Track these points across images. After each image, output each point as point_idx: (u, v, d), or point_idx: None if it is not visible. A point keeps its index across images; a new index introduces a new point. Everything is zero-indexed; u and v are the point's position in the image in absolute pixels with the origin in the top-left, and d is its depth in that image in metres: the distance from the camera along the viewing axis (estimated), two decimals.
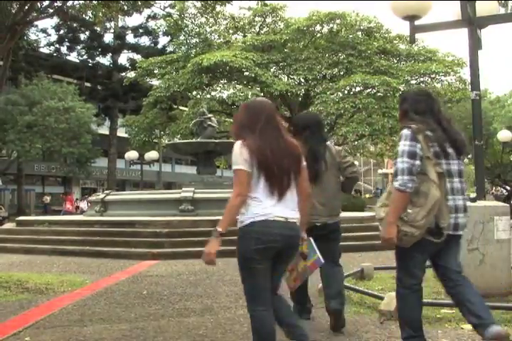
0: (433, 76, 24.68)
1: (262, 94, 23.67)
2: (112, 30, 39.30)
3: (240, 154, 3.34)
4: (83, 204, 26.82)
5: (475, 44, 6.26)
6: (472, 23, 6.20)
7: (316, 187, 4.51)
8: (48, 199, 38.94)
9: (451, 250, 3.92)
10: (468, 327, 4.59)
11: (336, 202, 4.97)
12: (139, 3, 12.86)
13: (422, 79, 25.17)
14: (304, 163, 3.59)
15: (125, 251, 10.56)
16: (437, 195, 3.61)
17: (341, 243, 9.65)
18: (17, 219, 15.59)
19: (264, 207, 3.33)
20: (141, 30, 39.34)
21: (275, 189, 3.36)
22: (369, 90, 23.63)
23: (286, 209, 3.39)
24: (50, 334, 4.71)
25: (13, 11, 9.37)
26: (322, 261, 3.84)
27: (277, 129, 3.49)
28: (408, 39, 24.45)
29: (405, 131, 3.75)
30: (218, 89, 27.68)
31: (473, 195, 6.27)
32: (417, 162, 3.63)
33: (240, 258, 3.41)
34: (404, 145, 3.68)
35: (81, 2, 12.20)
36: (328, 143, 5.12)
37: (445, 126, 3.82)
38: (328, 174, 4.81)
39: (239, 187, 3.33)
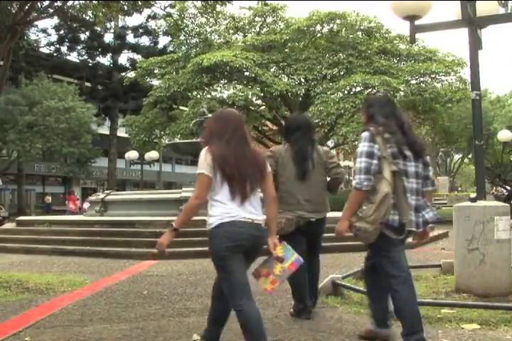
0: (433, 76, 24.65)
1: (262, 94, 23.67)
2: (112, 30, 39.33)
3: (204, 160, 3.63)
4: (86, 205, 26.87)
5: (475, 44, 6.26)
6: (472, 23, 6.20)
7: (302, 184, 4.99)
8: (49, 199, 38.96)
9: (402, 248, 4.21)
10: (469, 327, 4.60)
11: (320, 198, 5.26)
12: (139, 3, 12.86)
13: (422, 79, 25.14)
14: (269, 170, 3.84)
15: (125, 251, 10.56)
16: (386, 190, 3.83)
17: (341, 243, 9.85)
18: (17, 219, 15.59)
19: (230, 208, 3.58)
20: (141, 30, 39.35)
21: (238, 193, 3.59)
22: (369, 90, 23.59)
23: (249, 212, 3.62)
24: (51, 334, 4.71)
25: (14, 11, 9.37)
26: (301, 260, 3.94)
27: (243, 138, 3.72)
28: (408, 39, 24.48)
29: (365, 133, 4.01)
30: (218, 89, 27.68)
31: (473, 195, 6.27)
32: (375, 161, 3.88)
33: (214, 258, 3.65)
34: (363, 147, 3.96)
35: (81, 2, 12.20)
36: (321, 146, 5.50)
37: (405, 130, 4.07)
38: (315, 172, 5.12)
39: (198, 190, 3.62)
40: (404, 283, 3.99)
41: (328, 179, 5.30)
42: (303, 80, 25.06)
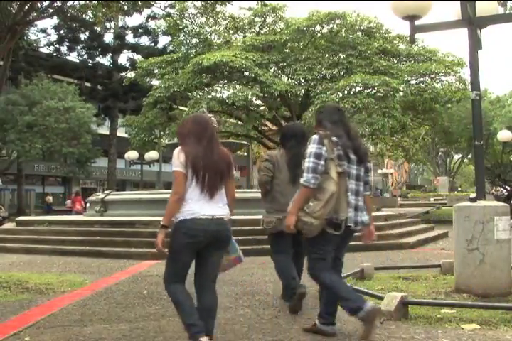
0: (433, 76, 24.63)
1: (262, 94, 23.62)
2: (112, 30, 39.34)
3: (177, 158, 3.99)
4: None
5: (475, 44, 6.26)
6: (472, 23, 6.20)
7: (293, 187, 5.20)
8: (50, 199, 38.96)
9: (346, 243, 4.64)
10: (469, 327, 4.60)
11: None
12: (139, 3, 12.86)
13: (421, 79, 25.10)
14: (233, 173, 4.28)
15: (125, 251, 10.57)
16: (333, 189, 4.23)
17: None
18: (17, 219, 15.59)
19: (193, 206, 3.95)
20: (141, 30, 39.35)
21: (205, 190, 3.98)
22: (369, 90, 23.56)
23: (214, 208, 4.01)
24: (50, 334, 4.71)
25: (14, 11, 9.37)
26: (243, 259, 4.31)
27: (213, 140, 4.15)
28: (408, 39, 24.48)
29: (314, 136, 4.39)
30: (218, 89, 27.62)
31: (473, 195, 6.28)
32: (322, 162, 4.27)
33: (171, 248, 4.02)
34: (312, 148, 4.33)
35: (81, 2, 12.20)
36: None
37: (351, 136, 4.48)
38: None
39: (176, 187, 3.98)
40: (331, 281, 4.42)
41: None
42: (303, 80, 25.02)
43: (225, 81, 25.85)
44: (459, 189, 64.47)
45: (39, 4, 10.75)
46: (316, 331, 4.51)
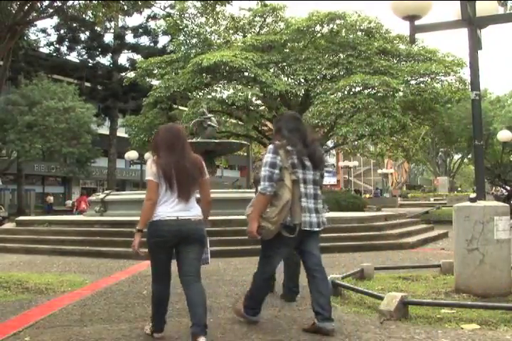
0: (433, 76, 24.64)
1: (262, 94, 23.63)
2: (112, 30, 39.33)
3: (150, 168, 4.38)
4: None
5: (475, 44, 6.26)
6: (472, 23, 6.20)
7: None
8: (51, 199, 38.95)
9: (313, 243, 4.87)
10: (469, 327, 4.60)
11: None
12: (139, 3, 12.85)
13: (421, 79, 25.10)
14: (207, 177, 4.60)
15: (125, 251, 10.51)
16: (288, 197, 4.54)
17: (340, 243, 9.96)
18: (17, 219, 15.59)
19: (162, 209, 4.35)
20: (141, 30, 39.35)
21: (176, 195, 4.36)
22: (369, 90, 23.57)
23: (181, 210, 4.36)
24: (50, 334, 4.71)
25: (13, 11, 9.36)
26: (208, 261, 4.66)
27: (184, 149, 4.46)
28: (408, 39, 24.47)
29: (270, 146, 4.72)
30: (218, 89, 27.63)
31: (473, 195, 6.28)
32: (277, 171, 4.57)
33: (148, 247, 4.40)
34: (267, 158, 4.63)
35: (81, 2, 12.19)
36: None
37: (307, 143, 4.75)
38: None
39: (149, 194, 4.37)
40: (262, 280, 4.85)
41: None
42: (302, 80, 25.04)
43: (225, 81, 25.86)
44: (459, 189, 64.53)
45: (39, 4, 10.74)
46: (315, 330, 4.53)
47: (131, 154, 32.16)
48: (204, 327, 4.22)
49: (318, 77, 24.23)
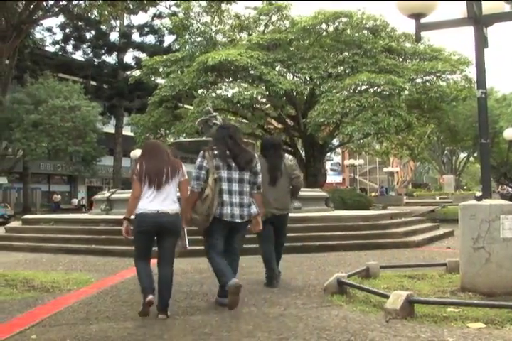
0: (439, 74, 24.59)
1: (267, 92, 23.64)
2: (118, 29, 39.37)
3: (135, 170, 5.48)
4: None
5: (481, 42, 6.24)
6: (478, 21, 6.18)
7: (273, 188, 6.82)
8: (58, 197, 39.01)
9: (236, 231, 5.74)
10: (474, 326, 4.59)
11: (285, 199, 7.12)
12: (145, 1, 12.86)
13: (427, 77, 25.06)
14: (185, 178, 5.53)
15: (131, 249, 10.48)
16: (207, 192, 5.47)
17: (346, 241, 10.07)
18: (23, 217, 15.63)
19: (144, 203, 5.31)
20: (146, 29, 39.40)
21: (154, 191, 5.32)
22: (374, 89, 23.54)
23: (160, 204, 5.28)
24: (56, 332, 4.72)
25: (19, 10, 9.37)
26: (187, 247, 5.57)
27: (163, 156, 5.51)
28: (414, 37, 24.39)
29: (200, 152, 5.69)
30: (223, 87, 27.65)
31: (478, 194, 6.25)
32: (203, 172, 5.56)
33: (133, 234, 5.39)
34: (197, 161, 5.64)
35: (87, 1, 12.21)
36: (288, 156, 7.36)
37: (230, 147, 5.70)
38: (282, 180, 6.97)
39: (133, 190, 5.41)
40: (213, 259, 5.63)
41: (291, 186, 7.17)
42: (308, 79, 25.03)
43: (230, 79, 25.88)
44: (465, 187, 64.38)
45: (45, 3, 10.76)
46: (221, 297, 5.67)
47: (137, 153, 32.07)
48: (166, 306, 5.24)
49: (323, 76, 24.21)
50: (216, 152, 5.64)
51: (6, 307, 5.79)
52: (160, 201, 5.30)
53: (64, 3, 12.07)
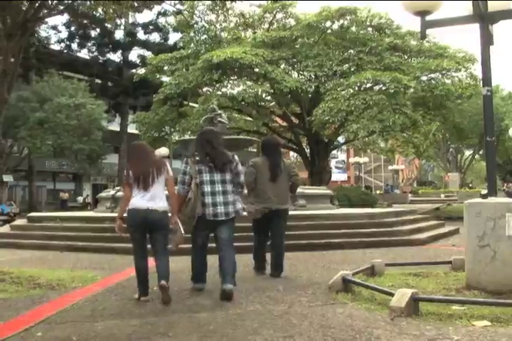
0: (444, 72, 24.51)
1: (272, 90, 23.62)
2: (123, 27, 39.38)
3: (126, 173, 6.12)
4: None
5: (486, 40, 6.22)
6: (483, 18, 6.16)
7: (273, 184, 7.39)
8: (65, 195, 39.07)
9: (222, 228, 6.24)
10: (480, 324, 4.59)
11: (285, 195, 7.64)
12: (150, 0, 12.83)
13: (432, 75, 24.98)
14: (171, 175, 6.15)
15: None
16: (190, 196, 6.16)
17: (352, 239, 10.14)
18: (28, 215, 15.67)
19: (135, 201, 5.94)
20: (151, 27, 39.37)
21: (142, 191, 5.94)
22: (380, 87, 23.50)
23: (148, 202, 5.89)
24: (62, 329, 4.74)
25: (24, 9, 9.38)
26: (183, 235, 6.08)
27: (148, 158, 6.17)
28: (419, 35, 24.32)
29: (184, 158, 6.42)
30: (228, 85, 27.64)
31: (484, 192, 6.25)
32: (187, 177, 6.23)
33: (128, 229, 6.03)
34: (181, 167, 6.34)
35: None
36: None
37: (209, 152, 6.25)
38: (282, 177, 7.50)
39: (125, 191, 6.29)
40: (194, 250, 6.49)
41: (290, 183, 7.68)
42: (313, 77, 24.98)
43: (235, 77, 25.85)
44: (470, 185, 64.21)
45: (50, 1, 10.76)
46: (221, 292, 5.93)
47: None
48: (167, 278, 5.84)
49: (328, 74, 24.16)
50: (197, 158, 6.28)
51: (12, 304, 5.81)
52: (149, 199, 5.91)
53: (69, 1, 12.06)
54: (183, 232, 6.04)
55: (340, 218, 13.00)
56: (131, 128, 36.95)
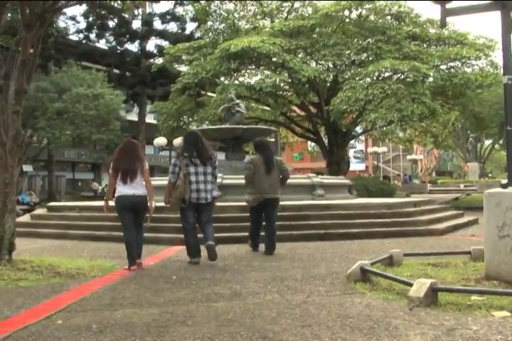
0: (464, 61, 24.24)
1: (290, 80, 23.52)
2: (140, 17, 39.34)
3: (111, 166, 7.78)
4: None
5: (507, 27, 6.14)
6: (505, 5, 6.08)
7: (268, 177, 8.97)
8: (96, 185, 39.20)
9: (203, 209, 7.99)
10: (499, 314, 4.56)
11: (277, 186, 9.15)
12: None
13: (452, 64, 24.73)
14: (146, 168, 7.79)
15: (154, 236, 10.59)
16: (179, 183, 7.82)
17: (370, 229, 10.26)
18: (48, 204, 15.81)
19: (121, 189, 7.60)
20: (168, 17, 39.30)
21: (126, 181, 7.57)
22: (398, 76, 23.31)
23: (132, 190, 7.57)
24: (82, 317, 4.79)
25: None
26: (148, 220, 7.96)
27: (133, 153, 7.77)
28: (438, 23, 24.03)
29: (174, 154, 8.38)
30: (246, 75, 27.57)
31: (504, 181, 6.19)
32: (177, 168, 7.92)
33: (116, 211, 7.75)
34: (172, 160, 8.17)
35: None
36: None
37: (197, 149, 7.94)
38: (275, 171, 9.09)
39: (110, 180, 7.90)
40: (187, 231, 8.01)
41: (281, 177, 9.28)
42: (331, 66, 24.85)
43: (253, 67, 25.78)
44: (490, 175, 63.69)
45: None
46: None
47: (160, 140, 32.22)
48: (139, 256, 7.65)
49: (346, 63, 24.02)
50: (186, 153, 7.90)
51: (33, 292, 5.87)
52: (133, 187, 7.58)
53: None
54: (152, 212, 7.85)
55: (358, 208, 12.97)
56: (150, 118, 37.04)
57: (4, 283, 6.33)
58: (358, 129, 31.12)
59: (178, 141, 31.31)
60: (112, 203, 7.86)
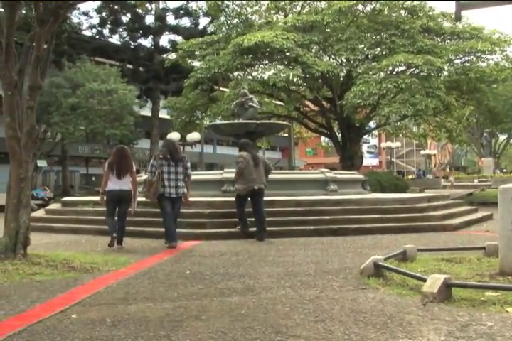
0: (478, 55, 24.06)
1: (304, 74, 23.46)
2: (153, 12, 39.35)
3: (106, 164, 9.65)
4: None
5: None
6: None
7: (255, 169, 10.45)
8: None
9: (175, 202, 9.63)
10: None
11: (263, 177, 10.60)
12: None
13: (466, 58, 24.55)
14: (134, 169, 9.64)
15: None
16: (154, 181, 9.40)
17: (383, 224, 10.25)
18: (62, 199, 15.89)
19: (113, 185, 9.46)
20: (181, 12, 39.28)
21: (117, 178, 9.44)
22: (412, 70, 23.17)
23: (121, 185, 9.44)
24: (96, 311, 4.81)
25: None
26: (132, 212, 9.76)
27: (126, 158, 9.68)
28: (452, 17, 23.86)
29: (154, 155, 10.13)
30: (259, 69, 27.54)
31: None
32: (154, 168, 9.46)
33: (106, 201, 9.62)
34: (151, 161, 9.86)
35: None
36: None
37: (172, 151, 9.56)
38: (260, 165, 10.63)
39: (104, 177, 9.69)
40: (165, 218, 9.51)
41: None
42: (344, 60, 24.75)
43: (266, 62, 25.74)
44: (505, 170, 63.27)
45: None
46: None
47: (173, 135, 32.20)
48: (121, 240, 9.41)
49: (360, 57, 23.93)
50: (161, 155, 9.52)
51: (48, 286, 5.91)
52: (121, 184, 9.44)
53: None
54: (135, 205, 9.76)
55: (371, 203, 12.93)
56: (163, 114, 37.05)
57: (19, 277, 6.38)
58: (372, 124, 31.01)
59: (193, 136, 31.42)
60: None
